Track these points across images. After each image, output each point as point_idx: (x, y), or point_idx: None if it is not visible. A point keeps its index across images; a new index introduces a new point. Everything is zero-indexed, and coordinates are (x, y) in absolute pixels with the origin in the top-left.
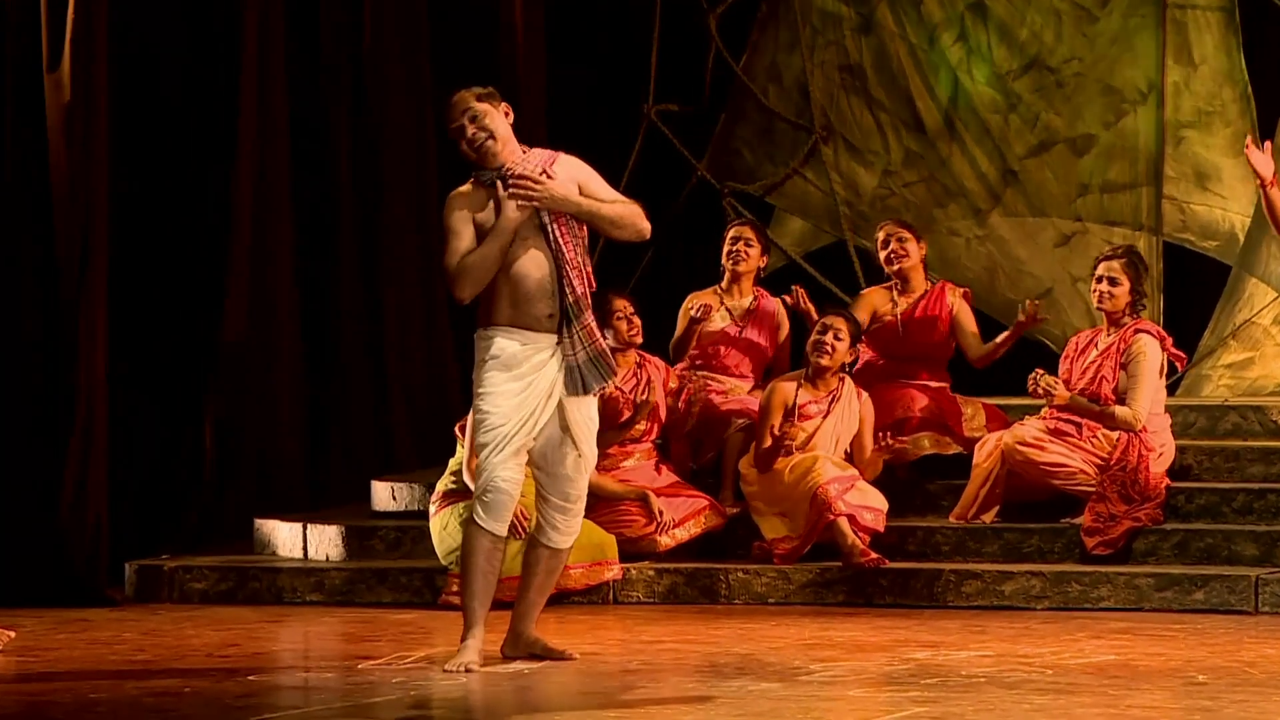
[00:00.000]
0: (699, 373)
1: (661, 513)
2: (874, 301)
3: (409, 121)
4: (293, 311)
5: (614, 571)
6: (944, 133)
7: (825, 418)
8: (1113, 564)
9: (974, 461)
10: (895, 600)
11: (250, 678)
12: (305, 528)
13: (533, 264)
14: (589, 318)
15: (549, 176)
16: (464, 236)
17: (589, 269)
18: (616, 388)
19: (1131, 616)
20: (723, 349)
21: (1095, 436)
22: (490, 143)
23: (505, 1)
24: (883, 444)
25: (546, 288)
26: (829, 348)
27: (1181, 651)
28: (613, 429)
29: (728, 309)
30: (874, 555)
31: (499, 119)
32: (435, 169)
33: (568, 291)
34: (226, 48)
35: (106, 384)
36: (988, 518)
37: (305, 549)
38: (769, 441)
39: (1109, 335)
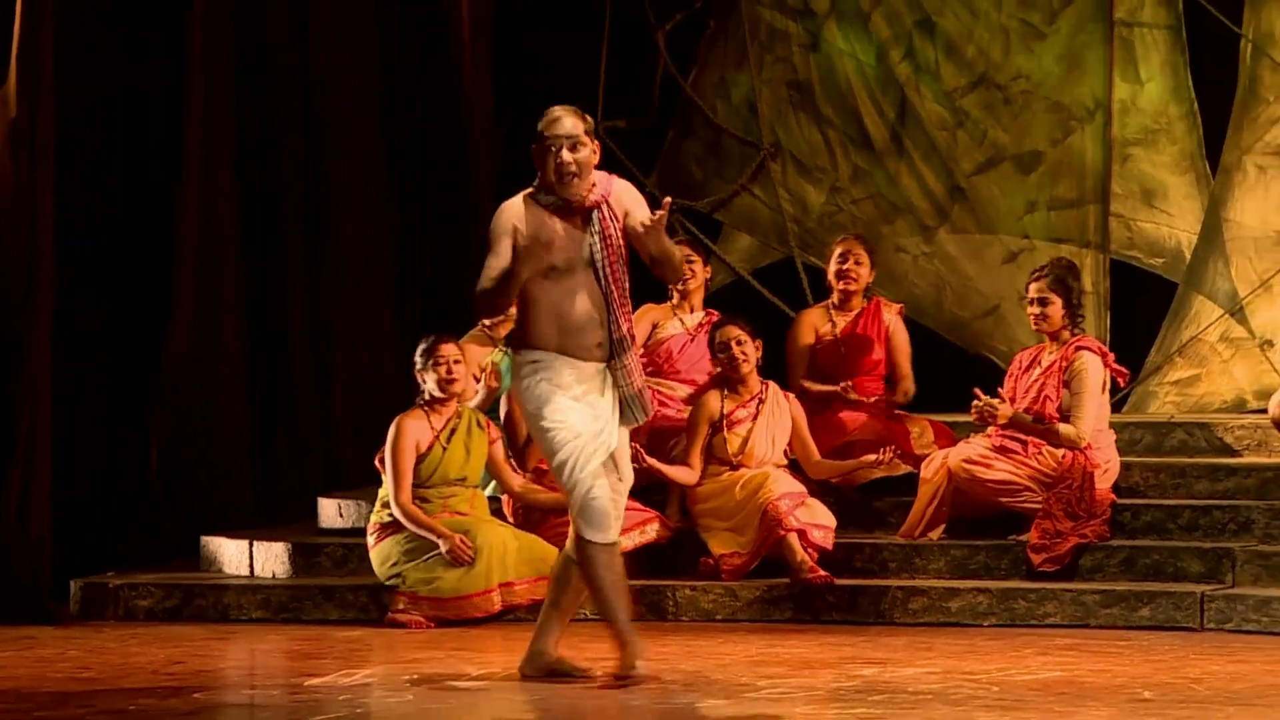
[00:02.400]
0: (650, 380)
1: None
2: (814, 321)
3: (357, 139)
4: (238, 327)
5: None
6: (892, 149)
7: (755, 420)
8: (1059, 581)
9: (921, 479)
10: (842, 617)
11: (196, 696)
12: (251, 545)
13: (583, 297)
14: (630, 357)
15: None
16: (501, 255)
17: (628, 308)
18: None
19: (1078, 633)
20: (675, 355)
21: (1041, 453)
22: (575, 179)
23: (453, 17)
24: (883, 458)
25: (595, 319)
26: (740, 356)
27: (1127, 668)
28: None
29: (679, 319)
30: (822, 572)
31: (592, 156)
32: (383, 185)
33: (614, 328)
34: (173, 63)
35: (51, 400)
36: (935, 535)
37: (251, 566)
38: (695, 457)
39: (1051, 353)
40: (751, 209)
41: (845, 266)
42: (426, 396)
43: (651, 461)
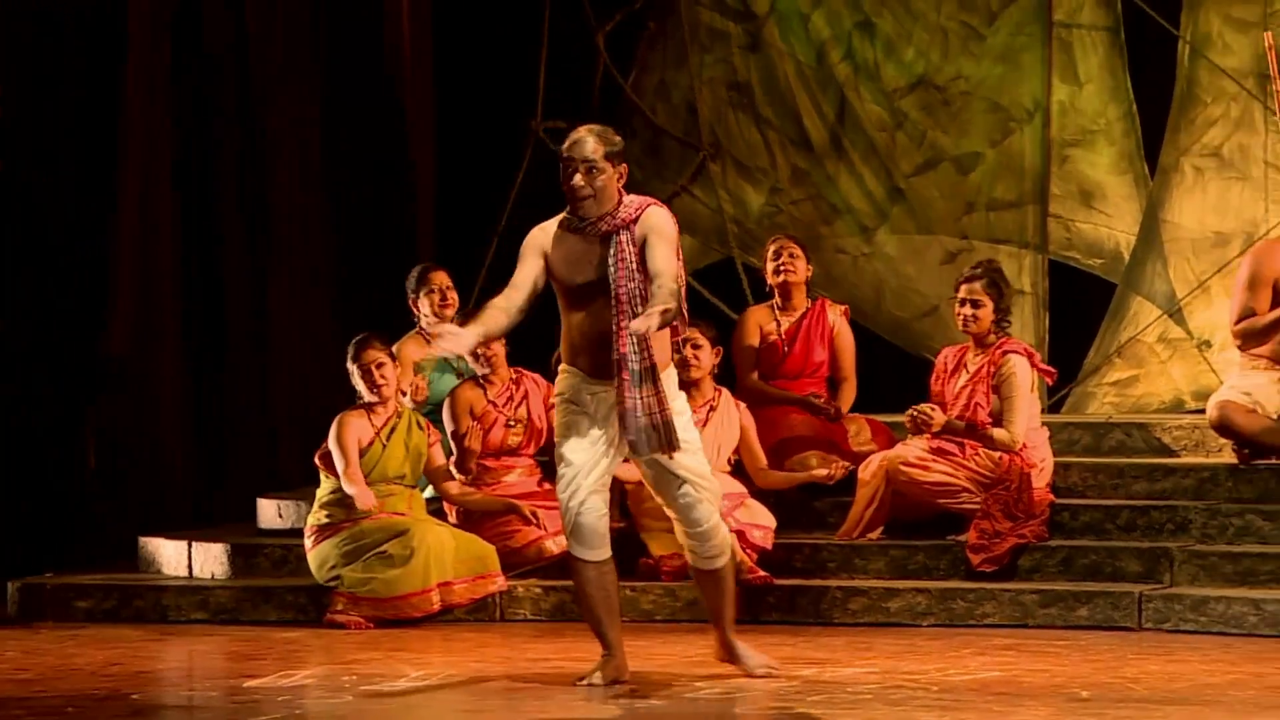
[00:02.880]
0: None
1: (535, 513)
2: (758, 319)
3: (296, 137)
4: (177, 327)
5: (498, 584)
6: (831, 150)
7: (704, 426)
8: (998, 581)
9: (859, 480)
10: (782, 617)
11: (134, 697)
12: (190, 545)
13: (599, 318)
14: (649, 388)
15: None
16: (517, 278)
17: (649, 340)
18: (491, 402)
19: (1016, 633)
20: None
21: (978, 455)
22: (588, 201)
23: (391, 16)
24: (834, 472)
25: (609, 340)
26: (692, 359)
27: (1066, 668)
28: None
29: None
30: (761, 573)
31: (611, 180)
32: (323, 186)
33: (615, 351)
34: (110, 58)
35: None
36: (873, 535)
37: (190, 567)
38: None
39: (977, 356)
40: (691, 210)
41: (780, 262)
42: (365, 399)
43: None
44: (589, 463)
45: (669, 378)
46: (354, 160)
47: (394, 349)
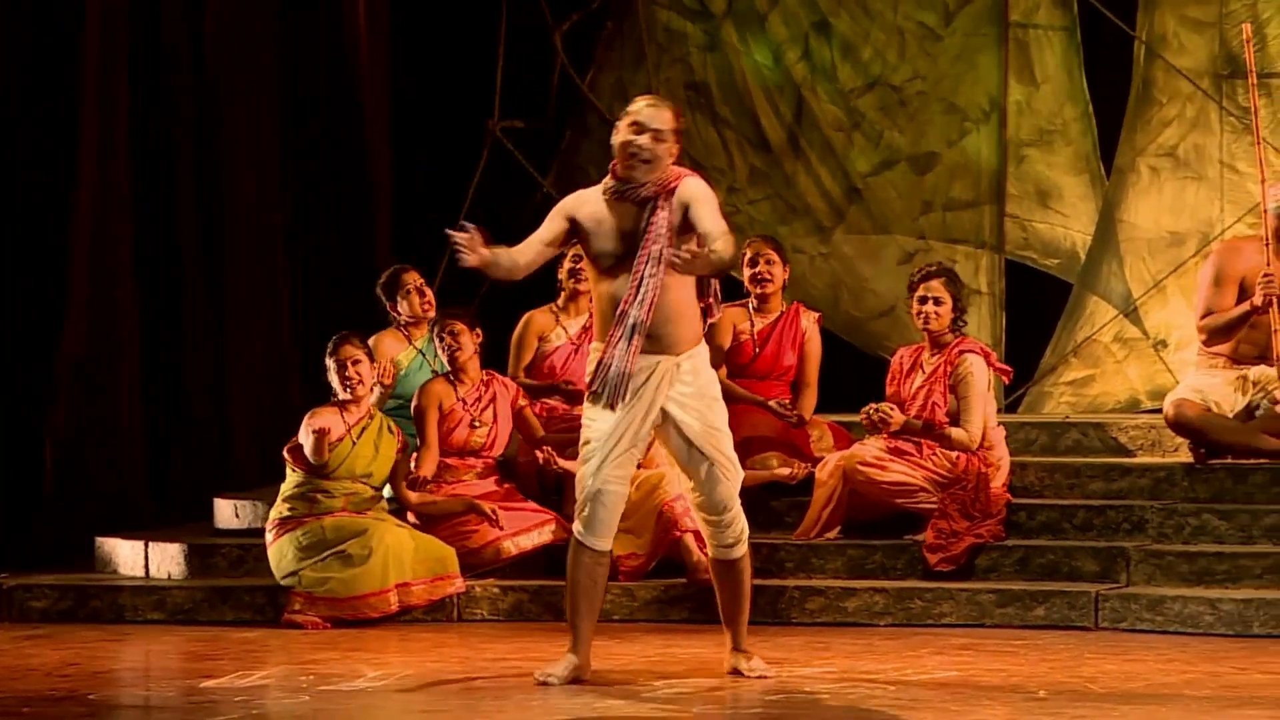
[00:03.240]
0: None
1: (495, 511)
2: (733, 318)
3: (252, 134)
4: (134, 327)
5: (456, 585)
6: (788, 150)
7: None
8: (955, 580)
9: (816, 481)
10: None
11: (91, 698)
12: (147, 546)
13: (621, 288)
14: (629, 345)
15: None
16: (535, 234)
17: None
18: (460, 399)
19: (973, 632)
20: (559, 367)
21: (935, 454)
22: (644, 166)
23: (349, 14)
24: (797, 472)
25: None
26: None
27: (1023, 667)
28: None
29: (563, 328)
30: None
31: (668, 152)
32: (280, 185)
33: (631, 310)
34: (68, 59)
35: None
36: (831, 535)
37: (147, 567)
38: None
39: (933, 356)
40: None
41: (758, 270)
42: (339, 396)
43: (562, 464)
44: (610, 435)
45: (700, 353)
46: (311, 160)
47: (370, 342)
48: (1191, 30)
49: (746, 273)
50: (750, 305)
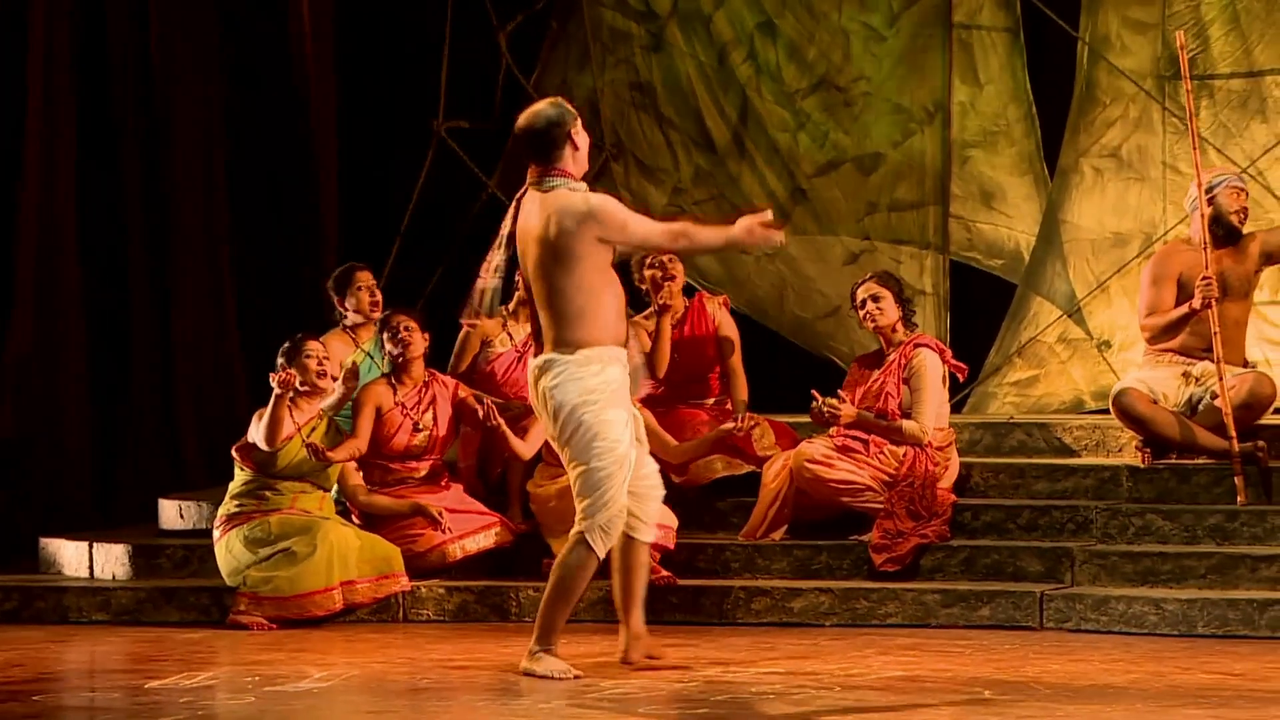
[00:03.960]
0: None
1: (443, 513)
2: (640, 327)
3: (198, 132)
4: (79, 328)
5: (401, 584)
6: (733, 151)
7: None
8: (900, 580)
9: (762, 481)
10: (685, 617)
11: (35, 698)
12: (91, 546)
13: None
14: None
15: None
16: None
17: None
18: (398, 403)
19: (919, 633)
20: (499, 374)
21: (883, 453)
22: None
23: (294, 13)
24: (742, 424)
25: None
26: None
27: (968, 667)
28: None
29: (509, 334)
30: (664, 573)
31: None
32: (224, 180)
33: None
34: (12, 56)
35: None
36: (777, 535)
37: (91, 568)
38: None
39: (889, 352)
40: None
41: (660, 294)
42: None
43: (498, 420)
44: (628, 446)
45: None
46: (257, 160)
47: (321, 341)
48: (1134, 31)
49: (648, 283)
50: (654, 311)
